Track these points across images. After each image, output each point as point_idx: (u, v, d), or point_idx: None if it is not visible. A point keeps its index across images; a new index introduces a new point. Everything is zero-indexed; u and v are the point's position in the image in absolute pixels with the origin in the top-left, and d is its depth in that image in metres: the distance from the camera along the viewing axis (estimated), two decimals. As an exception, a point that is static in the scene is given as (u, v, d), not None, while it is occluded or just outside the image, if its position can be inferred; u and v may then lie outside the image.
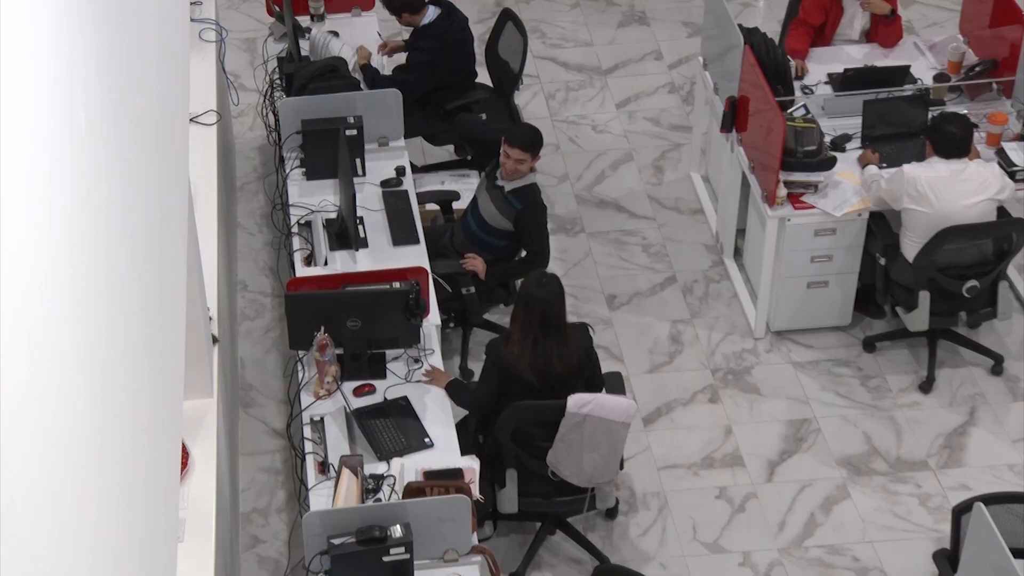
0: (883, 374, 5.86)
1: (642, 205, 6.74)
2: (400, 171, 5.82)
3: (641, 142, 7.13)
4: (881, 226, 5.74)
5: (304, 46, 6.42)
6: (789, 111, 5.91)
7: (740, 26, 6.05)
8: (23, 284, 1.53)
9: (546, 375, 4.66)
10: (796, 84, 6.17)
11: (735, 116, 6.02)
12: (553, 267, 6.14)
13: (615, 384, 4.96)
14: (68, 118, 1.78)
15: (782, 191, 5.66)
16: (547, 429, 4.67)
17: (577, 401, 4.56)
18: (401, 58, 6.54)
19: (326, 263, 5.35)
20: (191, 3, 6.14)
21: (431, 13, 6.31)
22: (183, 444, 4.25)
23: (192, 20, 6.07)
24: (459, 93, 6.42)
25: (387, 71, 6.44)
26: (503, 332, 4.87)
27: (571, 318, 5.13)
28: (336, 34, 6.50)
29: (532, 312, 4.65)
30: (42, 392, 1.58)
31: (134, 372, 2.13)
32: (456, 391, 4.85)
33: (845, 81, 6.14)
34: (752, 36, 6.02)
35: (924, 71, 6.26)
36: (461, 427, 4.89)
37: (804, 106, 6.01)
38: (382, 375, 4.89)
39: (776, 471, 5.48)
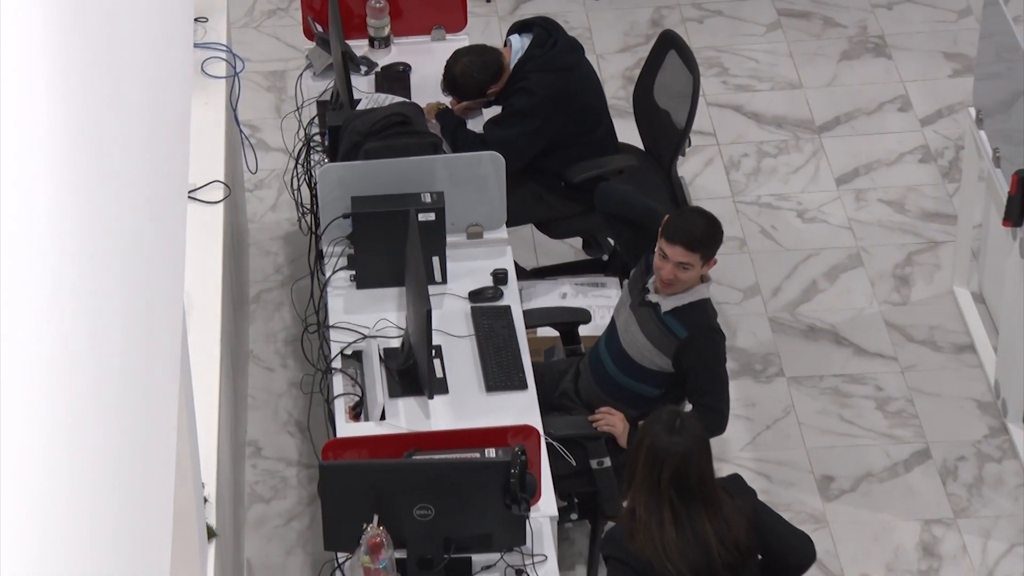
0: None
1: (877, 336, 6.71)
2: (500, 277, 5.90)
3: (876, 237, 7.12)
4: None
5: (359, 84, 6.58)
6: (1112, 194, 5.87)
7: (1035, 61, 6.06)
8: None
9: (707, 569, 4.63)
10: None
11: (1026, 201, 6.00)
12: (733, 429, 6.12)
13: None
14: (23, 207, 1.85)
15: (1100, 319, 5.61)
16: None
17: None
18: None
19: (383, 417, 5.41)
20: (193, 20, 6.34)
21: (518, 44, 6.37)
22: None
23: (194, 46, 6.26)
24: (589, 155, 6.45)
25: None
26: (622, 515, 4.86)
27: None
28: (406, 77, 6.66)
29: (658, 470, 4.63)
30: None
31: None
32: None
33: None
34: (1053, 77, 6.02)
35: None
36: None
37: None
38: (466, 595, 4.91)
39: None
